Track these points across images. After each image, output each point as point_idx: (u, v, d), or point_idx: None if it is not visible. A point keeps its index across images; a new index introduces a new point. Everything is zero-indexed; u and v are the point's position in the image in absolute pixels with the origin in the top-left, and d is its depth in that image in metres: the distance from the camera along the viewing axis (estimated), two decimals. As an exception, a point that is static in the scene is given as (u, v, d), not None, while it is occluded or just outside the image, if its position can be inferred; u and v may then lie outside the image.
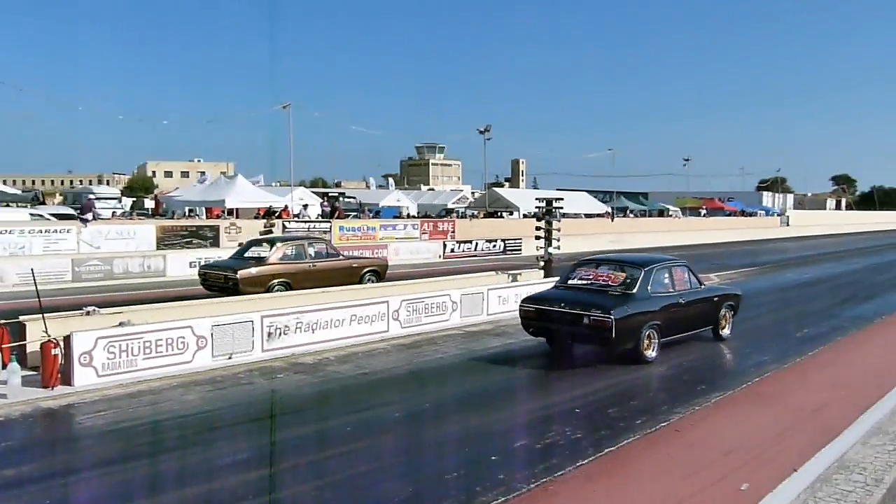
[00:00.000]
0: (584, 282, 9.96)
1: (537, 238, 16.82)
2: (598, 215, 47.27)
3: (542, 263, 16.73)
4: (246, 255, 15.45)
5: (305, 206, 33.97)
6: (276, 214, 27.81)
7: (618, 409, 7.55)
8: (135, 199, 50.03)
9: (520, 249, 29.96)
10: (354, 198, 42.52)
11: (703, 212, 59.55)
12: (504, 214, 43.66)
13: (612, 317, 8.91)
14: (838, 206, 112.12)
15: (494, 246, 30.32)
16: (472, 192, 70.03)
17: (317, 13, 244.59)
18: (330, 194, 43.49)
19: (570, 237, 29.99)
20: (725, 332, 11.26)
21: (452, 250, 29.02)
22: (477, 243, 29.95)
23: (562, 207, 17.92)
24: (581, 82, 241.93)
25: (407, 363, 9.89)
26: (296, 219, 28.97)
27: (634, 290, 9.40)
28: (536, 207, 17.38)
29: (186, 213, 31.53)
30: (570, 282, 10.13)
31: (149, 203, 40.43)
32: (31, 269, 11.82)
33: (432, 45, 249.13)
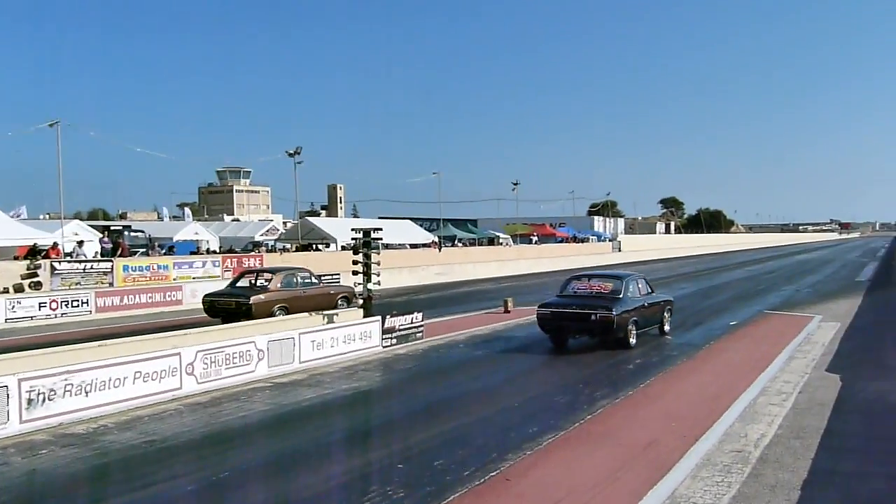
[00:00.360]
0: (582, 291, 14.92)
1: (354, 273, 16.92)
2: (425, 245, 48.55)
3: (360, 301, 16.82)
4: (239, 284, 19.32)
5: (81, 243, 31.91)
6: (43, 254, 26.07)
7: (445, 459, 7.73)
8: None
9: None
10: (143, 231, 40.40)
11: (535, 239, 63.09)
12: (321, 247, 43.62)
13: (613, 313, 13.80)
14: (667, 230, 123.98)
15: (309, 283, 30.03)
16: (284, 223, 69.24)
17: (92, 26, 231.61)
18: (112, 228, 40.90)
19: (394, 270, 30.84)
20: (667, 328, 16.55)
21: (260, 289, 28.41)
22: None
23: (381, 238, 18.13)
24: (403, 106, 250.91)
25: (204, 425, 9.54)
26: (68, 258, 27.36)
27: (622, 295, 14.36)
28: (353, 239, 17.44)
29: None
30: (568, 292, 14.99)
31: None
32: None
33: (232, 63, 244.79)
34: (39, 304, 21.72)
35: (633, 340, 14.60)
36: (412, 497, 6.69)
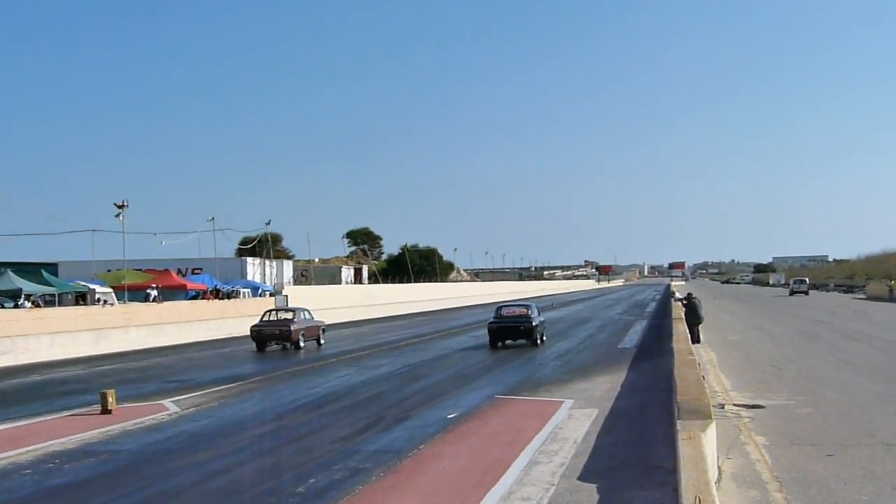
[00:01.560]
0: (511, 313, 41.83)
1: None
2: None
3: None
4: (268, 318, 43.85)
5: None
6: None
7: None
8: None
9: None
10: None
11: (154, 293, 61.80)
12: None
13: (533, 323, 40.30)
14: (358, 276, 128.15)
15: None
16: None
17: None
18: None
19: None
20: (543, 340, 41.94)
21: None
22: None
23: None
24: None
25: None
26: None
27: (533, 314, 40.99)
28: None
29: None
30: (502, 314, 41.64)
31: None
32: None
33: None
34: None
35: (541, 342, 40.80)
36: None
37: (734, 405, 21.18)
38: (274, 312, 45.58)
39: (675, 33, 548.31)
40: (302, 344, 42.53)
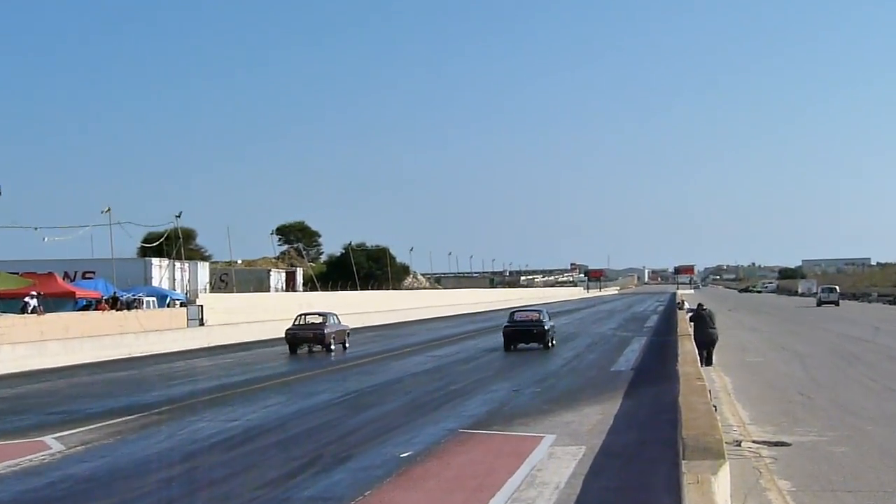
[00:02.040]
0: (523, 317, 57.22)
1: None
2: None
3: None
4: (301, 322, 56.36)
5: None
6: None
7: None
8: None
9: None
10: None
11: (32, 303, 60.97)
12: None
13: (545, 328, 53.87)
14: (291, 281, 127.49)
15: None
16: None
17: None
18: None
19: None
20: (553, 344, 54.64)
21: None
22: None
23: None
24: None
25: None
26: None
27: (545, 319, 55.49)
28: None
29: None
30: (515, 318, 56.06)
31: None
32: None
33: None
34: None
35: (553, 344, 54.09)
36: None
37: (753, 442, 21.21)
38: (305, 316, 57.48)
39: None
40: (333, 347, 54.44)
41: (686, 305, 73.87)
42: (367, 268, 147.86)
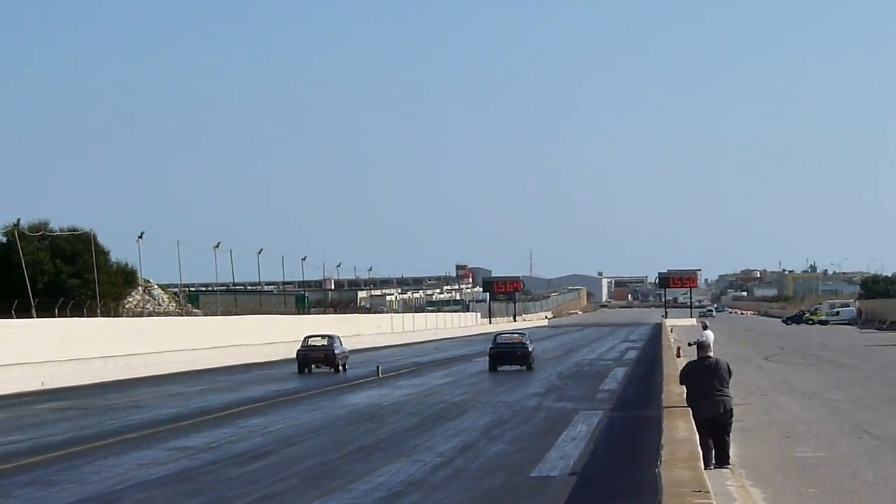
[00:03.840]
0: (508, 340, 77.45)
1: None
2: None
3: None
4: (309, 343, 71.33)
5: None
6: None
7: None
8: None
9: None
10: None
11: None
12: None
13: (529, 349, 73.72)
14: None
15: None
16: None
17: None
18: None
19: None
20: (533, 367, 69.11)
21: None
22: None
23: None
24: None
25: None
26: None
27: (527, 342, 75.26)
28: None
29: None
30: (499, 341, 74.36)
31: None
32: None
33: None
34: None
35: (534, 365, 70.54)
36: None
37: None
38: (313, 338, 69.58)
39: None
40: (341, 368, 66.64)
41: (686, 342, 70.12)
42: (52, 272, 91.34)
